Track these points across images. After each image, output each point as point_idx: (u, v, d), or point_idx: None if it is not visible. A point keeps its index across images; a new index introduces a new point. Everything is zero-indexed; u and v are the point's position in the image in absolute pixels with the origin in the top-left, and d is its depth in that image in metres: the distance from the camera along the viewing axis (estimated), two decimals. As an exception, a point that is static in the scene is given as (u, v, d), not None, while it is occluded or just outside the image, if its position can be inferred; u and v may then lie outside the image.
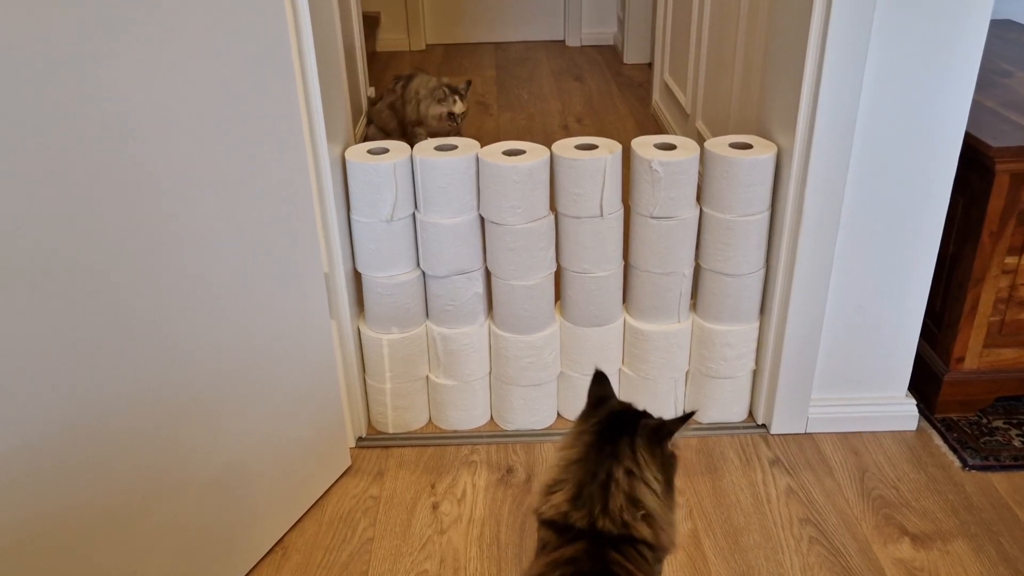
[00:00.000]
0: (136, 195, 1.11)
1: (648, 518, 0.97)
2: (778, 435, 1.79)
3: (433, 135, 3.01)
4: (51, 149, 0.99)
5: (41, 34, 0.95)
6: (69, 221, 1.03)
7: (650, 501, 0.98)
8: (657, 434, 1.01)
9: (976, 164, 1.62)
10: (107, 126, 1.05)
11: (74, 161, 1.02)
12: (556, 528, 0.99)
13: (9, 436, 1.01)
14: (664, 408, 1.81)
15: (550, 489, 1.01)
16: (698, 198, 1.65)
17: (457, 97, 2.93)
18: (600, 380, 1.10)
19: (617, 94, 4.02)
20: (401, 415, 1.81)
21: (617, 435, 1.01)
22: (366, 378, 1.79)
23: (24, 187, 0.97)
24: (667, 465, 1.02)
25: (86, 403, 1.10)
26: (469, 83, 3.02)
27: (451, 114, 2.95)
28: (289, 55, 1.34)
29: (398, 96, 3.05)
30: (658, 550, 0.98)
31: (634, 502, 0.97)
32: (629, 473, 0.98)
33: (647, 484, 0.98)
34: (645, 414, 1.06)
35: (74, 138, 1.01)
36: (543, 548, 1.00)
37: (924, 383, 1.84)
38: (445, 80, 2.99)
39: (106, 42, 1.03)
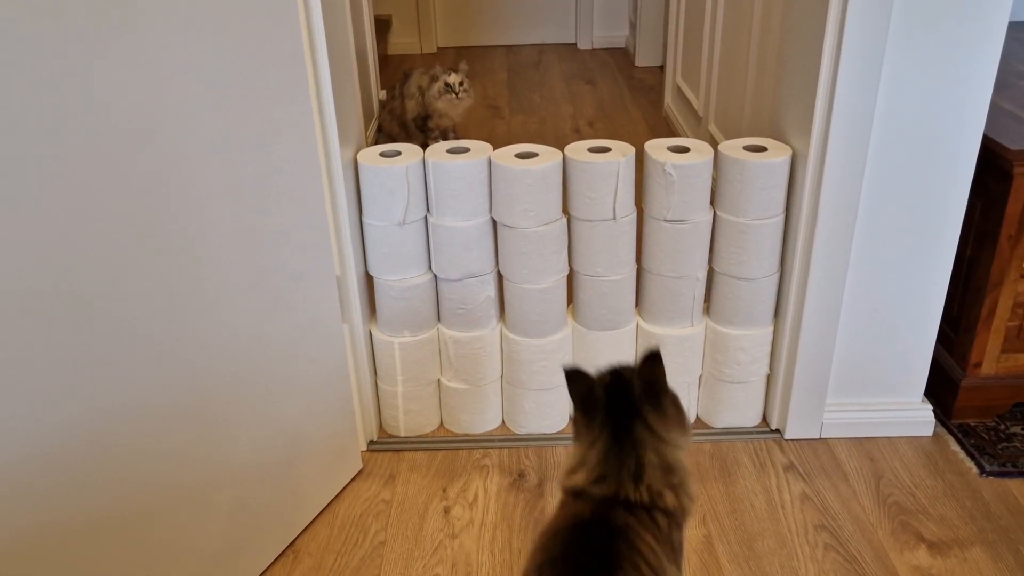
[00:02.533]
0: (148, 198, 1.11)
1: (676, 486, 0.98)
2: (792, 440, 1.78)
3: (442, 122, 3.01)
4: (62, 153, 0.99)
5: (53, 38, 0.95)
6: (80, 225, 1.03)
7: (682, 463, 1.00)
8: (656, 398, 1.01)
9: (994, 167, 1.60)
10: (118, 130, 1.05)
11: (85, 165, 1.02)
12: (574, 493, 1.00)
13: (18, 442, 1.01)
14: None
15: (573, 471, 1.02)
16: (712, 201, 1.64)
17: (451, 70, 2.95)
18: (573, 378, 1.05)
19: (629, 97, 4.01)
20: (413, 419, 1.80)
21: (626, 419, 1.01)
22: (377, 381, 1.78)
23: (36, 191, 0.97)
24: (674, 407, 1.03)
25: (97, 408, 1.10)
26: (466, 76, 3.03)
27: (447, 84, 2.94)
28: (302, 58, 1.34)
29: (398, 96, 3.05)
30: (676, 514, 0.98)
31: (668, 470, 0.99)
32: (657, 450, 0.99)
33: (676, 447, 1.01)
34: (629, 379, 1.03)
35: (85, 141, 1.01)
36: (559, 507, 1.02)
37: (940, 388, 1.82)
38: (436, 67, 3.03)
39: (118, 46, 1.03)
